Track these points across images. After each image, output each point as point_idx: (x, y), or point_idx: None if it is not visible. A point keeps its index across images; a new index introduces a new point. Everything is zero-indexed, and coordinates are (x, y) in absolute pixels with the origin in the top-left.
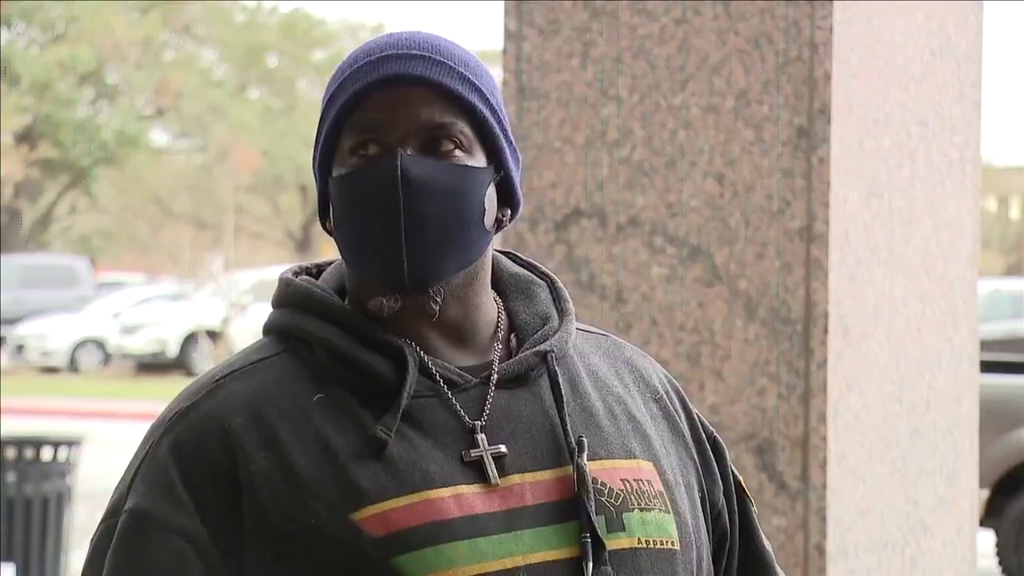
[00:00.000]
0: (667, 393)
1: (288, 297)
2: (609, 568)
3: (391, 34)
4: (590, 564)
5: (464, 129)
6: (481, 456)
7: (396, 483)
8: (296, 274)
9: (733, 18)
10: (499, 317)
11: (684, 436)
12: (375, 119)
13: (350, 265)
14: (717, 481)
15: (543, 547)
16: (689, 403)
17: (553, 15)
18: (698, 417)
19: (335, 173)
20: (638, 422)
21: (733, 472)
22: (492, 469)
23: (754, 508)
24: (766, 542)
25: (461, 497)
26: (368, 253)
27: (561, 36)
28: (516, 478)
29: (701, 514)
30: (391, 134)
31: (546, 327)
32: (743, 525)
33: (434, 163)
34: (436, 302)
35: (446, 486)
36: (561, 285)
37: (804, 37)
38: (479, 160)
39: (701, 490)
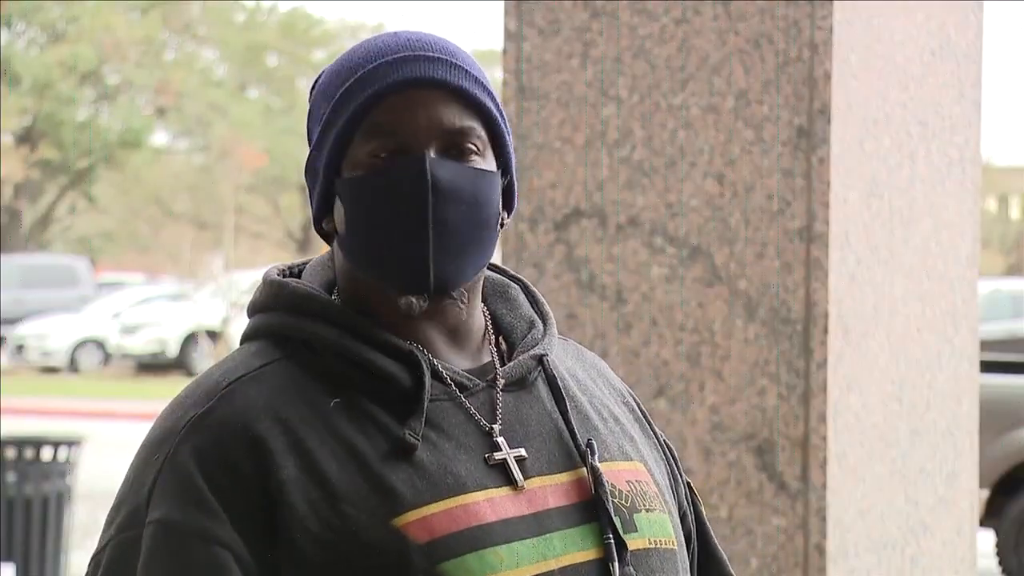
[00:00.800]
0: (629, 397)
1: (283, 300)
2: (631, 568)
3: (395, 34)
4: (616, 564)
5: (481, 133)
6: (504, 459)
7: (431, 487)
8: (280, 275)
9: (733, 18)
10: (486, 320)
11: (652, 439)
12: (395, 121)
13: (363, 268)
14: (680, 483)
15: (571, 549)
16: (643, 406)
17: (553, 15)
18: (652, 420)
19: (349, 175)
20: (623, 425)
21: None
22: (517, 472)
23: (703, 508)
24: (718, 542)
25: (493, 501)
26: (390, 256)
27: (561, 36)
28: (537, 481)
29: (677, 514)
30: (414, 137)
31: (534, 331)
32: (698, 526)
33: (458, 167)
34: (461, 305)
35: (478, 490)
36: (534, 288)
37: (804, 37)
38: (491, 163)
39: (672, 491)
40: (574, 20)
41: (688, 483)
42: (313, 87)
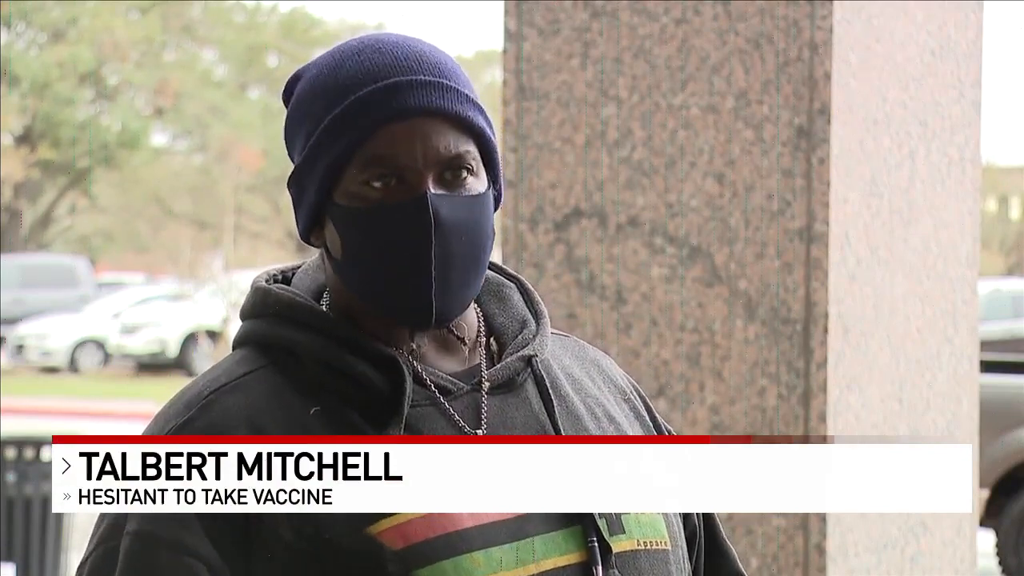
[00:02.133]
0: (633, 394)
1: (269, 307)
2: (615, 571)
3: (379, 49)
4: (599, 568)
5: (475, 154)
6: None
7: None
8: (268, 282)
9: (733, 18)
10: (478, 321)
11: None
12: (391, 154)
13: (362, 298)
14: None
15: (553, 553)
16: (649, 402)
17: (553, 15)
18: (659, 416)
19: (346, 204)
20: (618, 423)
21: None
22: None
23: None
24: (727, 538)
25: None
26: (392, 292)
27: (561, 36)
28: None
29: (678, 513)
30: (411, 169)
31: (525, 331)
32: (706, 524)
33: (458, 200)
34: (464, 342)
35: None
36: (531, 287)
37: (804, 37)
38: (483, 179)
39: None
40: (574, 20)
41: None
42: (290, 90)
